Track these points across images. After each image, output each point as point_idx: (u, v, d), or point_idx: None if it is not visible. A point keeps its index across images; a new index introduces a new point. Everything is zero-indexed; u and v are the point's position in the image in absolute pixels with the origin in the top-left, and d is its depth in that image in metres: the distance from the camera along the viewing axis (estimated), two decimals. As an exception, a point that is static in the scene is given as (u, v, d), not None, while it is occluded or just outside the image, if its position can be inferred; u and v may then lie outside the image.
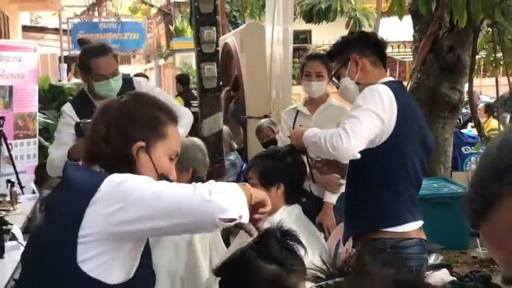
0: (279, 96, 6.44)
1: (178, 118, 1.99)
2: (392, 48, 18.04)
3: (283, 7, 6.40)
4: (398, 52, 17.78)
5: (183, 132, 3.40)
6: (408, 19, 6.70)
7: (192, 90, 10.15)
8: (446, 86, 6.54)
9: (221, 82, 5.42)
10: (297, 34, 15.03)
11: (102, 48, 3.56)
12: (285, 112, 4.44)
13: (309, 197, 3.77)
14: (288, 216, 2.75)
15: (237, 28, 9.25)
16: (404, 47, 16.77)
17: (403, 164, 2.84)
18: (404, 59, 16.62)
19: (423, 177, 3.04)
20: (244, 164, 6.14)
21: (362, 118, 2.70)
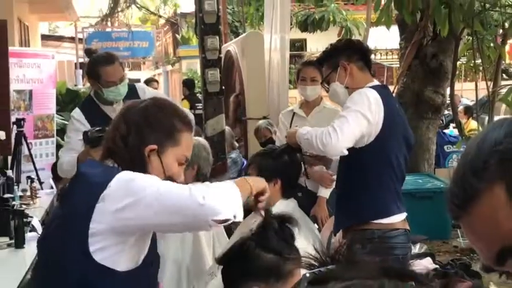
0: (277, 99, 6.43)
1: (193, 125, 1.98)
2: (381, 55, 18.04)
3: (280, 17, 6.40)
4: (386, 59, 17.77)
5: None
6: (395, 28, 6.69)
7: (197, 93, 10.13)
8: (430, 89, 6.54)
9: (223, 86, 5.42)
10: (293, 42, 14.99)
11: (109, 57, 3.53)
12: (282, 114, 4.44)
13: (304, 191, 3.76)
14: (284, 209, 2.74)
15: (238, 37, 9.23)
16: (392, 54, 16.77)
17: (389, 161, 2.84)
18: (392, 65, 16.60)
19: (407, 173, 3.05)
20: (245, 161, 6.13)
21: (350, 118, 2.71)
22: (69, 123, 3.65)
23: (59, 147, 7.02)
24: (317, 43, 14.85)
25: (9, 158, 5.93)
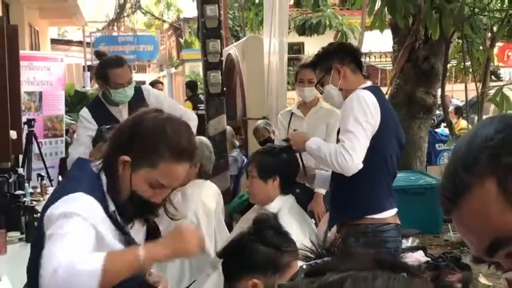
0: (276, 100, 6.43)
1: (192, 157, 1.78)
2: (375, 58, 18.05)
3: (279, 22, 6.40)
4: (380, 61, 17.78)
5: None
6: (388, 32, 6.70)
7: (199, 95, 10.14)
8: (422, 90, 6.54)
9: (225, 88, 5.42)
10: (291, 46, 14.97)
11: (119, 61, 3.55)
12: (281, 114, 4.44)
13: (301, 188, 3.76)
14: (283, 205, 2.75)
15: (239, 41, 9.23)
16: (385, 56, 16.77)
17: (383, 159, 2.84)
18: (385, 67, 16.60)
19: (400, 170, 3.04)
20: (245, 159, 6.13)
21: (357, 133, 2.71)
22: (78, 121, 3.69)
23: (68, 146, 7.06)
24: (314, 46, 14.79)
25: (21, 156, 5.93)
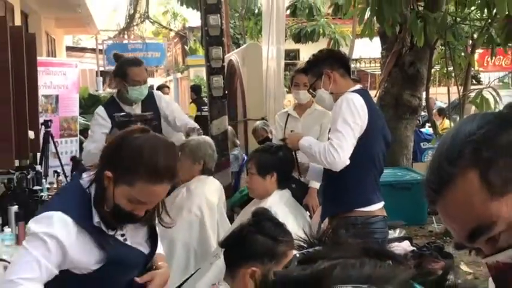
0: (273, 102, 6.44)
1: (172, 177, 1.72)
2: (365, 63, 18.05)
3: (276, 31, 6.40)
4: (370, 66, 17.79)
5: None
6: (377, 40, 6.70)
7: (203, 97, 10.13)
8: (408, 93, 6.54)
9: (226, 91, 5.42)
10: (288, 52, 14.92)
11: (137, 60, 3.67)
12: (278, 115, 4.44)
13: (297, 183, 3.76)
14: (279, 199, 2.75)
15: (239, 48, 9.22)
16: (374, 62, 16.79)
17: (371, 157, 2.85)
18: (374, 72, 16.62)
19: (388, 166, 3.04)
20: (245, 156, 6.13)
21: (345, 133, 2.72)
22: (92, 119, 3.66)
23: (82, 145, 7.06)
24: (309, 53, 14.65)
25: (38, 154, 5.94)
